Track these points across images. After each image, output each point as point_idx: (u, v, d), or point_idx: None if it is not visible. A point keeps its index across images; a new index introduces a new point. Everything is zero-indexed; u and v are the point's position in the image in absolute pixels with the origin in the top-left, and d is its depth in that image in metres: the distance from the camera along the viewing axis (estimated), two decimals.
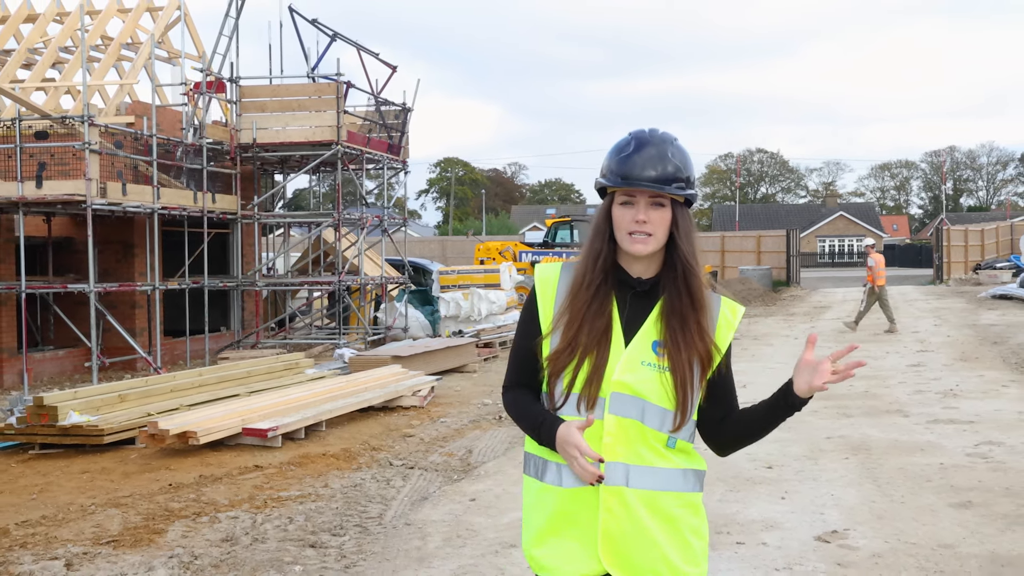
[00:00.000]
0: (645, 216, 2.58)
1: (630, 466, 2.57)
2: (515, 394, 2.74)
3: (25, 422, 9.47)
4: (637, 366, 2.59)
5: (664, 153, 2.60)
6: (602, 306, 2.62)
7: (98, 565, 5.95)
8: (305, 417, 10.04)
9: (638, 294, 2.66)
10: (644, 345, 2.61)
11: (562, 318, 2.63)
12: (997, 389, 12.62)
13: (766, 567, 5.65)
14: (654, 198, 2.59)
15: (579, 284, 2.65)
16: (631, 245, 2.59)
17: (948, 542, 6.04)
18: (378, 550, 6.22)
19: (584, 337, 2.59)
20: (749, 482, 7.78)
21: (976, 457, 8.47)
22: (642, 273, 2.65)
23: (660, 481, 2.59)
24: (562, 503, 2.60)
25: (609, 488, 2.55)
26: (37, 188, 14.76)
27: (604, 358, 2.58)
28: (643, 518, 2.57)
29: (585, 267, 2.66)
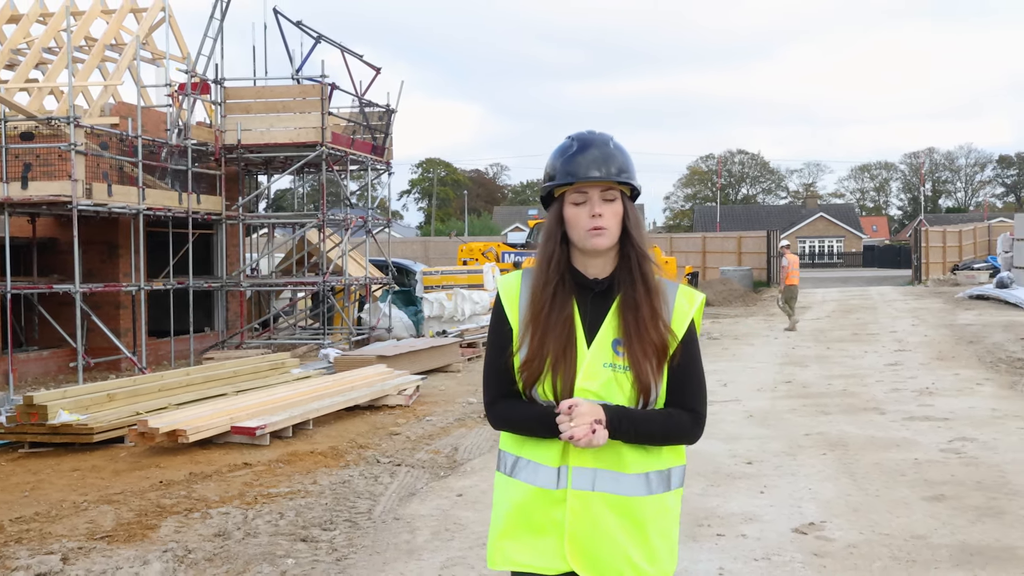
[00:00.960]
0: (600, 210, 2.64)
1: (597, 471, 2.62)
2: (505, 404, 2.75)
3: (15, 421, 9.57)
4: (599, 369, 2.63)
5: (607, 151, 2.68)
6: (562, 310, 2.66)
7: (93, 559, 6.07)
8: (293, 416, 10.17)
9: (597, 295, 2.70)
10: (604, 346, 2.65)
11: (527, 327, 2.68)
12: (972, 387, 12.87)
13: (745, 557, 5.84)
14: (605, 192, 2.66)
15: (538, 289, 2.69)
16: (590, 241, 2.64)
17: (920, 533, 6.24)
18: (368, 543, 6.37)
19: (550, 345, 2.63)
20: (729, 477, 7.97)
21: (950, 452, 8.69)
22: (598, 273, 2.70)
23: (625, 486, 2.64)
24: (532, 500, 2.65)
25: (576, 492, 2.61)
26: (23, 189, 14.82)
27: (572, 365, 2.63)
28: (608, 522, 2.62)
29: (542, 271, 2.71)
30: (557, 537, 2.63)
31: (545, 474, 2.65)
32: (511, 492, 2.72)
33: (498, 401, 2.76)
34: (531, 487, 2.67)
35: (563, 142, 2.74)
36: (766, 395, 12.60)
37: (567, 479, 2.64)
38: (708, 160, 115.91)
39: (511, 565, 2.69)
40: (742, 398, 12.34)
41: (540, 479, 2.66)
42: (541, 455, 2.67)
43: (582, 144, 2.69)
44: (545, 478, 2.65)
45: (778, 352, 17.98)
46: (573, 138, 2.73)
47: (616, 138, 2.75)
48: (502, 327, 2.75)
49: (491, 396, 2.79)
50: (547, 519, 2.64)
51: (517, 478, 2.70)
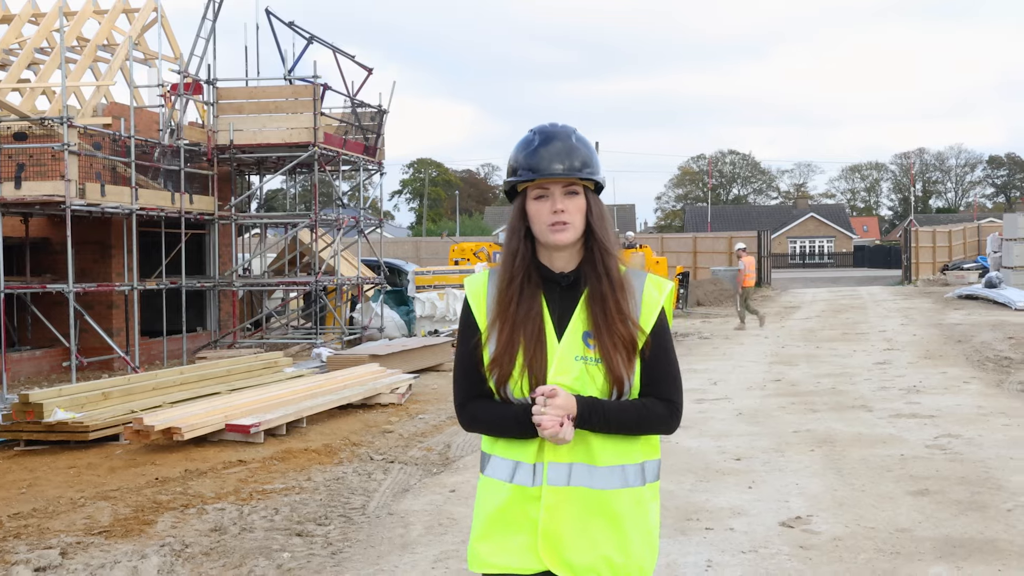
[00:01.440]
0: (562, 205, 2.61)
1: (572, 465, 2.60)
2: (476, 405, 2.72)
3: (11, 419, 9.64)
4: (570, 363, 2.61)
5: (570, 144, 2.65)
6: (530, 306, 2.64)
7: (92, 554, 6.16)
8: (287, 414, 10.26)
9: (564, 289, 2.68)
10: (575, 339, 2.63)
11: (494, 324, 2.65)
12: (959, 385, 13.02)
13: (733, 550, 5.95)
14: (567, 187, 2.63)
15: (505, 286, 2.67)
16: (552, 236, 2.62)
17: (905, 526, 6.36)
18: (363, 538, 6.47)
19: (519, 340, 2.61)
20: (718, 473, 8.08)
21: (935, 449, 8.82)
22: (564, 267, 2.68)
23: (599, 481, 2.61)
24: (510, 500, 2.63)
25: (551, 488, 2.60)
26: (16, 189, 14.88)
27: (543, 360, 2.61)
28: (583, 517, 2.60)
29: (506, 268, 2.69)
30: (531, 535, 2.61)
31: (521, 472, 2.64)
32: (489, 492, 2.71)
33: (468, 403, 2.73)
34: (507, 485, 2.65)
35: (525, 135, 2.71)
36: (756, 393, 12.72)
37: (543, 476, 2.61)
38: (699, 160, 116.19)
39: (488, 568, 2.67)
40: (732, 396, 12.46)
41: (516, 477, 2.64)
42: (517, 452, 2.65)
43: (544, 137, 2.66)
44: (521, 476, 2.63)
45: (768, 351, 18.11)
46: (535, 131, 2.71)
47: (579, 131, 2.72)
48: (469, 328, 2.72)
49: (461, 398, 2.75)
50: (523, 517, 2.63)
51: (494, 477, 2.69)
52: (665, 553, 5.89)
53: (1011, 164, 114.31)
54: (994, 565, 5.56)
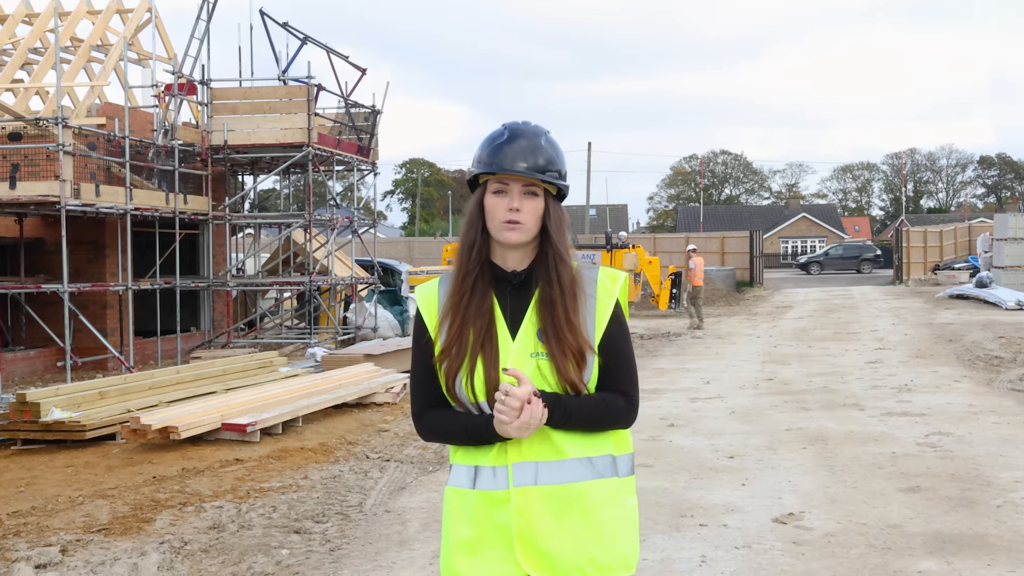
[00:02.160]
0: (519, 204, 2.56)
1: (539, 463, 2.54)
2: (433, 414, 2.66)
3: (7, 418, 9.68)
4: (526, 359, 2.56)
5: (537, 144, 2.60)
6: (481, 301, 2.59)
7: (92, 551, 6.21)
8: (282, 413, 10.31)
9: (516, 287, 2.62)
10: (530, 336, 2.57)
11: (445, 319, 2.60)
12: (949, 384, 13.12)
13: (727, 546, 6.03)
14: (527, 187, 2.58)
15: (459, 280, 2.61)
16: (504, 234, 2.57)
17: (896, 522, 6.45)
18: (360, 535, 6.53)
19: (469, 334, 2.56)
20: (712, 471, 8.16)
21: (926, 446, 8.91)
22: (516, 265, 2.63)
23: (569, 474, 2.55)
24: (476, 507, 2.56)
25: (519, 489, 2.52)
26: (11, 189, 14.90)
27: (494, 355, 2.55)
28: (557, 515, 2.52)
29: (462, 261, 2.63)
30: (506, 543, 2.53)
31: (483, 476, 2.57)
32: (454, 502, 2.64)
33: (425, 412, 2.67)
34: (471, 492, 2.58)
35: (496, 129, 2.68)
36: (748, 392, 12.81)
37: (507, 478, 2.54)
38: (691, 160, 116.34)
39: None
40: (725, 395, 12.54)
41: (479, 482, 2.58)
42: (476, 457, 2.59)
43: (513, 134, 2.62)
44: (484, 480, 2.57)
45: (760, 351, 18.21)
46: (506, 127, 2.67)
47: (551, 133, 2.68)
48: (422, 337, 2.66)
49: (418, 407, 2.69)
50: (493, 527, 2.54)
51: (456, 485, 2.63)
52: (660, 549, 5.97)
53: (1002, 164, 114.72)
54: (983, 560, 5.65)
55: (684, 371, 15.22)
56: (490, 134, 2.67)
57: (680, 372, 15.20)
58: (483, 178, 2.64)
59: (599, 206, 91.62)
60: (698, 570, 5.61)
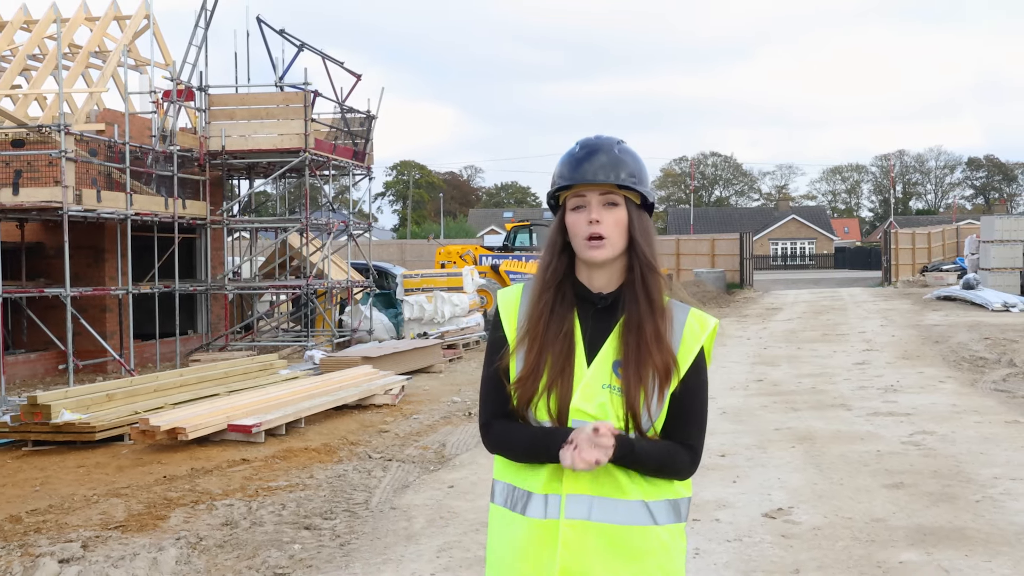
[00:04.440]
0: (598, 215, 2.47)
1: (594, 498, 2.43)
2: (502, 425, 2.55)
3: (19, 420, 9.94)
4: (597, 390, 2.45)
5: (613, 156, 2.52)
6: (561, 326, 2.49)
7: (111, 547, 6.48)
8: (286, 414, 10.59)
9: (600, 311, 2.52)
10: (605, 366, 2.47)
11: (523, 341, 2.51)
12: (935, 384, 13.46)
13: (719, 539, 6.34)
14: (605, 195, 2.49)
15: (536, 302, 2.53)
16: (587, 252, 2.47)
17: (880, 516, 6.77)
18: (368, 530, 6.82)
19: (547, 361, 2.46)
20: (704, 468, 8.41)
21: (910, 445, 9.24)
22: (603, 288, 2.53)
23: (623, 515, 2.44)
24: (524, 535, 2.47)
25: (569, 522, 2.42)
26: (14, 195, 15.14)
27: (569, 383, 2.46)
28: (603, 555, 2.42)
29: (537, 281, 2.55)
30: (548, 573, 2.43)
31: (535, 504, 2.47)
32: (501, 524, 2.55)
33: (494, 422, 2.57)
34: (520, 517, 2.49)
35: (571, 147, 2.59)
36: (739, 393, 13.12)
37: (559, 508, 2.44)
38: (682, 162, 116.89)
39: None
40: (716, 396, 12.84)
41: (530, 509, 2.48)
42: (530, 482, 2.49)
43: (588, 150, 2.53)
44: (534, 508, 2.47)
45: (750, 352, 18.53)
46: (580, 144, 2.58)
47: (626, 143, 2.59)
48: (499, 343, 2.58)
49: (486, 416, 2.59)
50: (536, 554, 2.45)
51: (505, 507, 2.54)
52: None
53: (990, 166, 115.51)
54: (962, 551, 5.97)
55: None
56: (566, 153, 2.59)
57: None
58: (563, 196, 2.55)
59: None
60: (692, 562, 5.90)
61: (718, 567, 5.81)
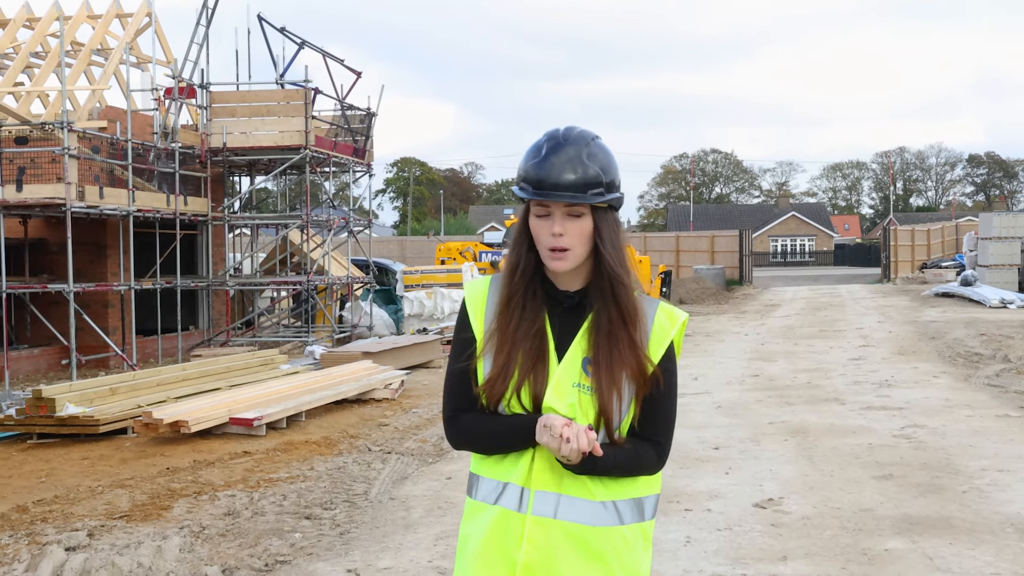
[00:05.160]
0: (561, 228, 2.37)
1: (560, 496, 2.40)
2: (468, 418, 2.51)
3: (24, 413, 10.09)
4: (567, 388, 2.41)
5: (580, 156, 2.37)
6: (532, 325, 2.44)
7: (116, 535, 6.64)
8: (287, 408, 10.73)
9: (567, 309, 2.47)
10: (574, 365, 2.43)
11: (491, 339, 2.46)
12: (928, 379, 13.60)
13: (710, 527, 6.49)
14: (570, 207, 2.38)
15: (505, 302, 2.46)
16: (550, 262, 2.41)
17: (868, 507, 6.92)
18: (368, 520, 6.97)
19: (517, 361, 2.41)
20: (698, 461, 8.62)
21: (901, 438, 9.39)
22: (569, 286, 2.47)
23: (588, 515, 2.41)
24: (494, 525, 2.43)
25: (536, 518, 2.39)
26: (18, 192, 15.28)
27: (543, 379, 2.42)
28: (566, 554, 2.39)
29: (507, 282, 2.48)
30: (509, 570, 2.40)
31: (509, 493, 2.44)
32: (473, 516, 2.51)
33: (459, 415, 2.52)
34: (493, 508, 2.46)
35: (538, 139, 2.45)
36: (735, 388, 13.27)
37: (528, 503, 2.41)
38: (682, 159, 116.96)
39: None
40: (712, 391, 13.00)
41: (503, 499, 2.45)
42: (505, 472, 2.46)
43: (554, 145, 2.39)
44: (509, 498, 2.44)
45: (748, 348, 18.67)
46: (548, 136, 2.44)
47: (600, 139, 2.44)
48: (466, 337, 2.52)
49: (451, 410, 2.54)
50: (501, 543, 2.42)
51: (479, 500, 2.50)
52: None
53: (990, 163, 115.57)
54: (946, 539, 6.12)
55: None
56: (532, 146, 2.44)
57: None
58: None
59: None
60: (683, 549, 6.05)
61: (708, 554, 5.96)
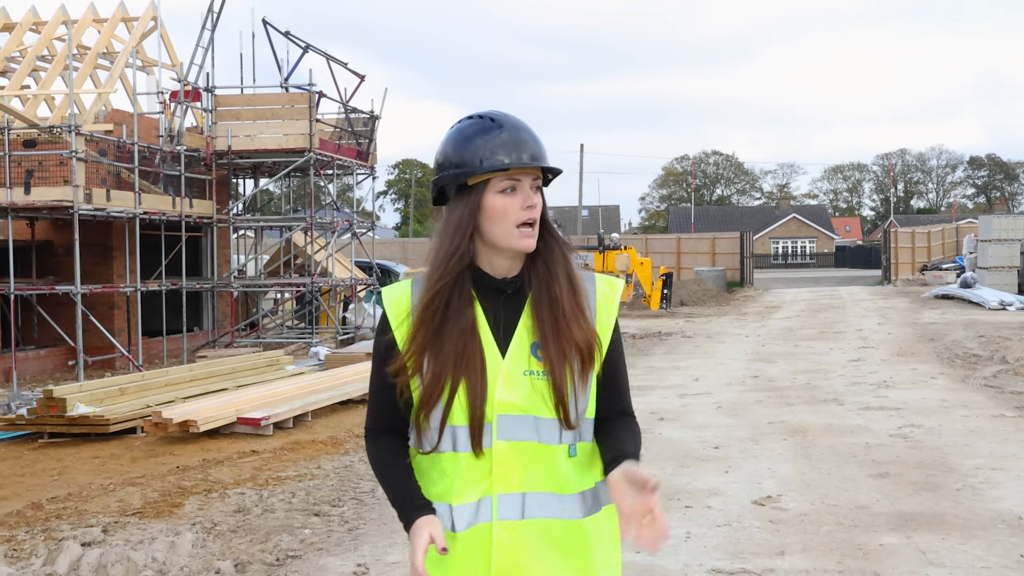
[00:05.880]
0: (535, 199, 2.29)
1: (526, 495, 2.27)
2: (379, 445, 2.37)
3: (35, 413, 10.26)
4: (519, 378, 2.26)
5: (530, 130, 2.34)
6: (464, 317, 2.27)
7: (130, 531, 6.80)
8: (293, 408, 10.91)
9: (508, 297, 2.32)
10: (522, 352, 2.28)
11: (415, 340, 2.28)
12: (926, 380, 13.76)
13: (709, 524, 6.65)
14: (535, 180, 2.31)
15: (431, 296, 2.27)
16: (519, 240, 2.27)
17: (864, 504, 7.08)
18: (375, 517, 7.13)
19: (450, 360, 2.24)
20: (698, 459, 8.78)
21: (898, 437, 9.55)
22: (507, 272, 2.33)
23: (560, 509, 2.29)
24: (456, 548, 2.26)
25: (504, 523, 2.25)
26: (26, 194, 15.46)
27: (482, 380, 2.25)
28: (541, 552, 2.26)
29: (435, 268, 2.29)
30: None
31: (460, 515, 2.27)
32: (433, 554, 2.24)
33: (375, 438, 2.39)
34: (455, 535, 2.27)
35: (473, 122, 2.34)
36: (735, 388, 13.42)
37: (491, 510, 2.26)
38: (683, 161, 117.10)
39: None
40: (712, 391, 13.16)
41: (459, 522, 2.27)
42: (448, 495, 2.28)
43: (507, 123, 2.32)
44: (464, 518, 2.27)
45: (748, 350, 18.83)
46: (490, 116, 2.34)
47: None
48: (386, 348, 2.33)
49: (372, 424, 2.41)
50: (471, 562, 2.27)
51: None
52: None
53: (991, 165, 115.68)
54: (939, 535, 6.28)
55: (674, 369, 15.83)
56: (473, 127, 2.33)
57: (670, 370, 15.80)
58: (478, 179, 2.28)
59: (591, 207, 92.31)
60: (683, 544, 6.21)
61: (708, 549, 6.12)
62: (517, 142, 2.28)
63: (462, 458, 2.27)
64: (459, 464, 2.27)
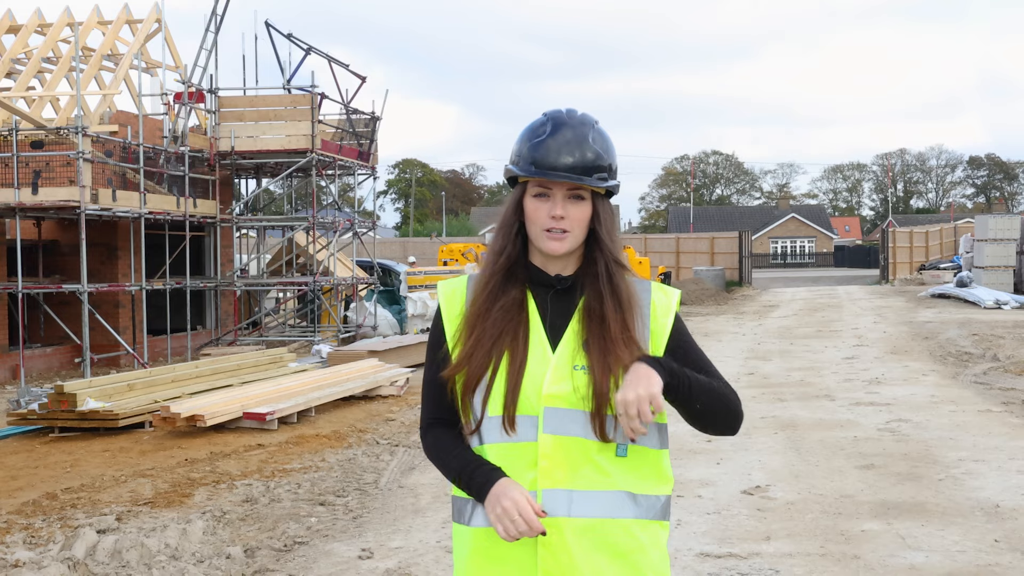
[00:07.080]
0: (562, 211, 2.27)
1: (573, 492, 2.24)
2: (435, 434, 2.39)
3: (47, 408, 10.53)
4: (569, 372, 2.26)
5: (584, 137, 2.29)
6: (512, 308, 2.30)
7: (143, 520, 7.07)
8: (297, 403, 11.18)
9: (559, 292, 2.34)
10: (574, 347, 2.29)
11: (471, 333, 2.30)
12: (917, 377, 14.03)
13: (699, 512, 6.92)
14: (572, 190, 2.29)
15: (482, 287, 2.33)
16: (546, 243, 2.28)
17: (849, 493, 7.35)
18: (379, 506, 7.41)
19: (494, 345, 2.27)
20: (691, 452, 9.05)
21: (885, 431, 9.82)
22: (561, 270, 2.34)
23: (607, 507, 2.26)
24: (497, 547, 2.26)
25: (548, 520, 2.22)
26: (33, 195, 15.73)
27: (523, 369, 2.26)
28: (588, 553, 2.23)
29: (488, 266, 2.35)
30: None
31: None
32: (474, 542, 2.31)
33: (433, 427, 2.41)
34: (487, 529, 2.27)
35: (537, 119, 2.36)
36: None
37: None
38: (683, 161, 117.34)
39: None
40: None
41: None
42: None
43: (556, 126, 2.30)
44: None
45: (745, 348, 19.10)
46: (549, 116, 2.34)
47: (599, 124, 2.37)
48: (439, 342, 2.38)
49: (427, 418, 2.44)
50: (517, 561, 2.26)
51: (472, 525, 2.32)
52: None
53: (991, 165, 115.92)
54: (919, 522, 6.55)
55: None
56: (530, 126, 2.36)
57: None
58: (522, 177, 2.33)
59: None
60: (674, 531, 6.49)
61: (697, 535, 6.39)
62: (553, 151, 2.27)
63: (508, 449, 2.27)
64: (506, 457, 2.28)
